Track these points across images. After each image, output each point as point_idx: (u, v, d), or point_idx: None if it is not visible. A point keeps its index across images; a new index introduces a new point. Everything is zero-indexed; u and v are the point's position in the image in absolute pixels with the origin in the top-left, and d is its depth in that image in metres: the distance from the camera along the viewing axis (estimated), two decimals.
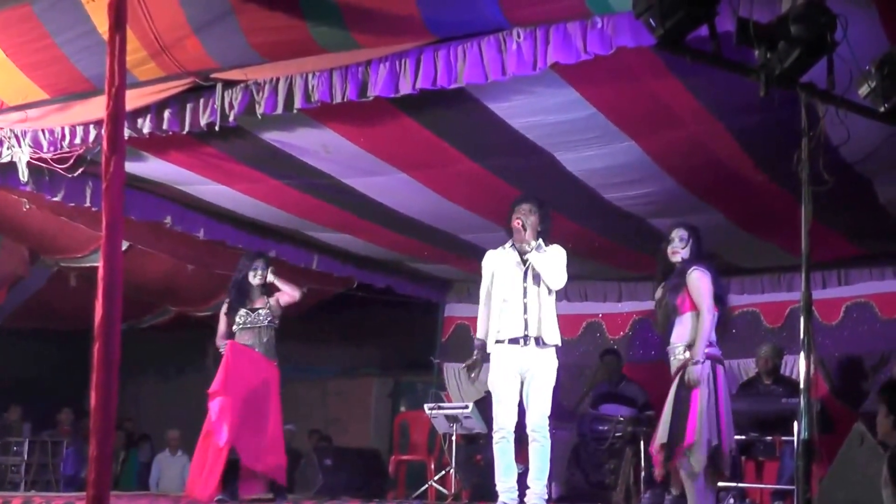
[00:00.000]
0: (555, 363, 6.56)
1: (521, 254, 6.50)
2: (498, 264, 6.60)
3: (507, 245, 6.59)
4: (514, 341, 6.45)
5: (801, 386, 3.77)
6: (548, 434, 6.54)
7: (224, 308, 7.97)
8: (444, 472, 9.47)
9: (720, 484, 8.03)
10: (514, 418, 6.55)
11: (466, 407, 9.22)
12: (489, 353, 6.56)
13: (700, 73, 5.46)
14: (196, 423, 13.05)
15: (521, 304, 6.46)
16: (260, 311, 7.83)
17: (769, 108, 5.38)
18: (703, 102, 6.13)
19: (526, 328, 6.43)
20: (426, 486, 9.77)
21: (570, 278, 10.70)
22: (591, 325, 10.94)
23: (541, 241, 6.52)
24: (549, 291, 6.52)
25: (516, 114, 6.54)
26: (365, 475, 10.29)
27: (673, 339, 6.39)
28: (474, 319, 11.15)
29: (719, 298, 6.42)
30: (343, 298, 10.95)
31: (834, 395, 9.23)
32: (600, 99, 6.26)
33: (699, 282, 6.31)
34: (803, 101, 4.02)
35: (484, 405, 9.64)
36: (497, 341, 6.49)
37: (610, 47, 5.15)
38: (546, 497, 6.52)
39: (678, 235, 6.53)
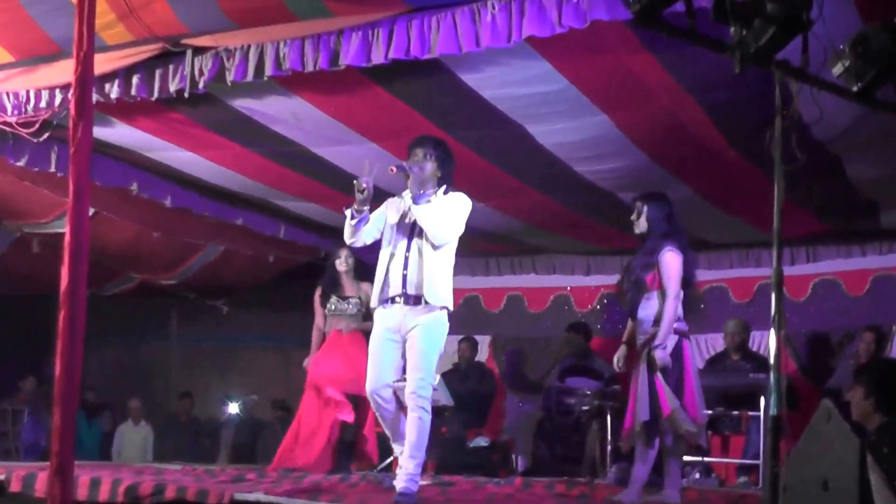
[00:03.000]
0: (440, 325, 5.85)
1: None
2: (391, 213, 5.98)
3: (406, 192, 5.94)
4: (393, 301, 5.82)
5: (772, 362, 3.78)
6: (427, 405, 5.82)
7: (318, 292, 8.31)
8: None
9: (685, 458, 8.13)
10: (389, 386, 5.96)
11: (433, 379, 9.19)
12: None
13: (675, 48, 5.47)
14: (158, 392, 13.08)
15: (402, 259, 5.82)
16: (350, 299, 8.15)
17: (743, 86, 5.42)
18: (676, 78, 6.11)
19: (404, 285, 5.79)
20: (391, 458, 9.76)
21: (539, 251, 10.87)
22: (559, 298, 10.97)
23: (440, 189, 5.90)
24: (435, 247, 5.81)
25: (488, 85, 6.50)
26: None
27: (641, 314, 6.36)
28: None
29: (686, 281, 6.37)
30: (309, 267, 10.90)
31: (801, 373, 9.32)
32: (573, 72, 6.23)
33: (670, 264, 6.22)
34: (777, 79, 4.02)
35: (451, 378, 9.66)
36: (380, 300, 5.89)
37: (584, 21, 5.12)
38: (417, 479, 5.83)
39: (636, 208, 6.46)
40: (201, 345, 13.11)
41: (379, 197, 5.96)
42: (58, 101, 6.71)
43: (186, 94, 6.39)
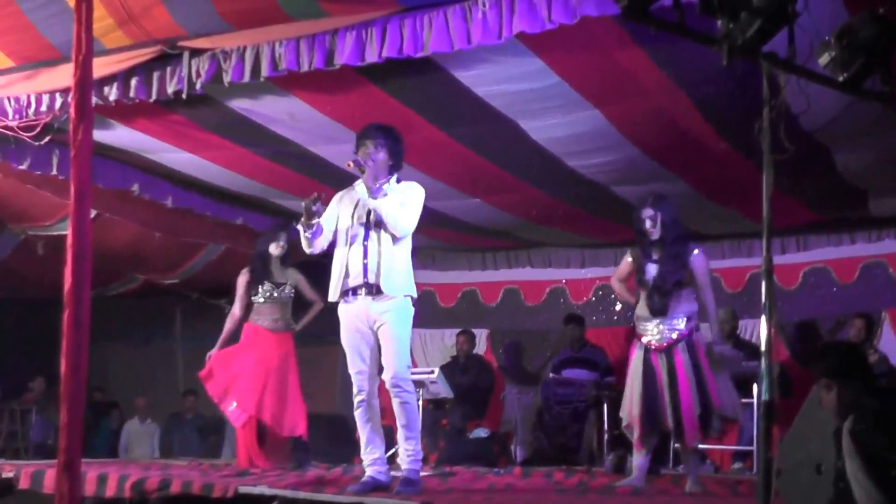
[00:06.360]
0: (406, 311, 5.87)
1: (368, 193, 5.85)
2: (344, 208, 5.99)
3: (358, 182, 5.91)
4: (355, 293, 5.84)
5: (763, 348, 3.85)
6: (411, 387, 5.93)
7: (245, 277, 8.27)
8: None
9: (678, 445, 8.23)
10: (373, 380, 5.98)
11: (432, 372, 9.27)
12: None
13: (663, 42, 5.54)
14: (163, 390, 13.15)
15: (361, 248, 5.82)
16: (285, 286, 8.19)
17: (731, 78, 5.49)
18: (666, 72, 6.18)
19: (365, 275, 5.78)
20: (393, 450, 9.84)
21: (534, 245, 10.95)
22: (555, 291, 11.06)
23: (392, 178, 5.96)
24: (395, 238, 5.84)
25: (481, 82, 6.57)
26: (331, 440, 10.35)
27: (675, 309, 6.53)
28: (438, 286, 11.36)
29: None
30: (311, 266, 10.97)
31: (793, 360, 9.40)
32: (565, 68, 6.30)
33: (704, 265, 6.58)
34: (765, 71, 4.08)
35: (450, 370, 9.75)
36: (342, 293, 5.88)
37: (574, 17, 5.19)
38: (420, 456, 6.00)
39: (647, 216, 6.56)
40: (205, 343, 13.14)
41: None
42: (58, 104, 6.77)
43: (184, 96, 6.47)
